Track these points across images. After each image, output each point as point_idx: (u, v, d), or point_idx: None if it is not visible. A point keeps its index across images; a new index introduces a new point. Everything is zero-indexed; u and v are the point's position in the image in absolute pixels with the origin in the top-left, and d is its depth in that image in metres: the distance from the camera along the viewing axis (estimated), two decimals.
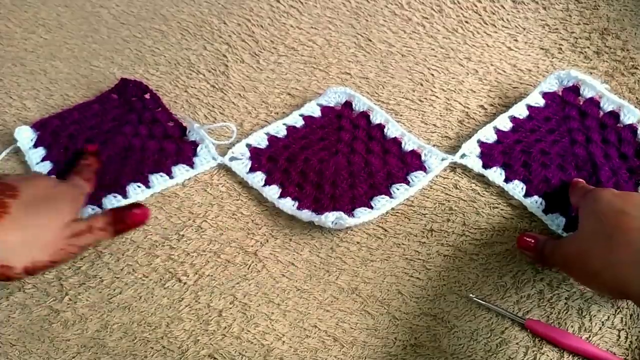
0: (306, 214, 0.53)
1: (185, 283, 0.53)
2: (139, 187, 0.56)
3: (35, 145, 0.59)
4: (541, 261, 0.50)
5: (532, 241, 0.50)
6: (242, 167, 0.57)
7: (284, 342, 0.50)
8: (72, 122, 0.60)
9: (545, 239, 0.50)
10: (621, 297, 0.42)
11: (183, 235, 0.55)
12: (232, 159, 0.58)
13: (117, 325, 0.51)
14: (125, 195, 0.56)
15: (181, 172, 0.58)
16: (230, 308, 0.52)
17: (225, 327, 0.51)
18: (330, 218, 0.52)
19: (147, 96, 0.62)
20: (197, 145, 0.59)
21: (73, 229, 0.47)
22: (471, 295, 0.51)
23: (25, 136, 0.60)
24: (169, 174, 0.58)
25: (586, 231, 0.45)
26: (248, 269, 0.53)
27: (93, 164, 0.56)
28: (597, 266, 0.42)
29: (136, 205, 0.51)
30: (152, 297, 0.52)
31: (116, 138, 0.59)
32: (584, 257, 0.43)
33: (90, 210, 0.55)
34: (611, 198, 0.45)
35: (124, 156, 0.58)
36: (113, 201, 0.55)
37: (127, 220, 0.50)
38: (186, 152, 0.58)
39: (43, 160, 0.59)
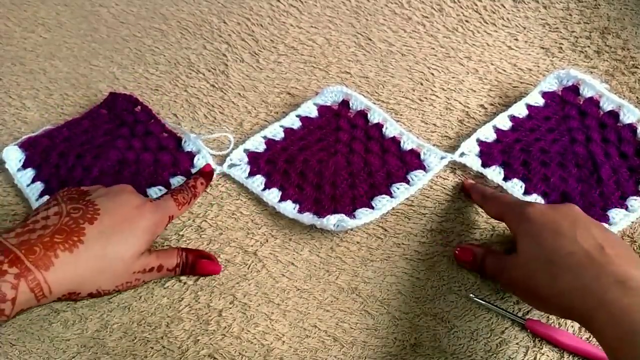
0: (307, 217, 0.53)
1: (185, 283, 0.53)
2: None
3: (24, 166, 0.57)
4: (481, 274, 0.51)
5: (469, 255, 0.50)
6: (241, 172, 0.57)
7: (284, 342, 0.50)
8: (62, 139, 0.59)
9: (483, 251, 0.50)
10: (568, 318, 0.42)
11: (183, 235, 0.55)
12: (230, 166, 0.58)
13: (116, 325, 0.51)
14: None
15: (180, 184, 0.56)
16: (230, 308, 0.52)
17: (225, 327, 0.51)
18: (331, 221, 0.52)
19: (138, 109, 0.61)
20: (194, 156, 0.58)
21: (144, 264, 0.47)
22: (471, 295, 0.51)
23: (13, 157, 0.57)
24: (167, 186, 0.56)
25: (526, 255, 0.43)
26: (248, 268, 0.53)
27: (198, 187, 0.54)
28: (543, 293, 0.41)
29: (210, 256, 0.53)
30: (152, 297, 0.52)
31: (109, 152, 0.57)
32: (528, 283, 0.43)
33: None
34: (541, 217, 0.44)
35: (118, 170, 0.57)
36: None
37: (197, 271, 0.52)
38: (183, 164, 0.58)
39: (34, 181, 0.57)
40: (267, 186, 0.56)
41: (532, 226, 0.44)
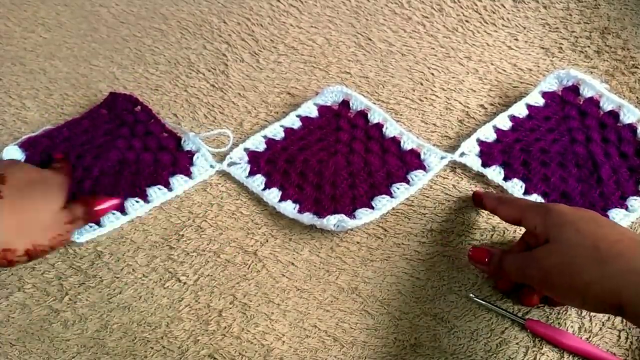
0: (307, 217, 0.53)
1: (185, 283, 0.53)
2: (137, 202, 0.55)
3: None
4: (499, 276, 0.50)
5: (485, 256, 0.48)
6: (241, 171, 0.57)
7: (284, 342, 0.50)
8: (62, 140, 0.59)
9: (499, 252, 0.48)
10: (611, 309, 0.39)
11: (183, 235, 0.55)
12: (230, 164, 0.58)
13: (116, 325, 0.51)
14: (123, 212, 0.55)
15: (179, 182, 0.57)
16: (230, 308, 0.52)
17: (225, 327, 0.51)
18: (332, 221, 0.52)
19: (138, 109, 0.61)
20: (194, 155, 0.58)
21: (67, 216, 0.49)
22: (471, 295, 0.51)
23: (13, 156, 0.57)
24: (167, 185, 0.56)
25: (566, 242, 0.42)
26: (248, 268, 0.53)
27: (65, 166, 0.56)
28: (587, 278, 0.39)
29: (102, 199, 0.54)
30: (152, 297, 0.52)
31: (109, 152, 0.57)
32: (568, 270, 0.41)
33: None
34: (572, 211, 0.44)
35: (118, 170, 0.57)
36: (112, 218, 0.55)
37: (97, 210, 0.53)
38: (183, 162, 0.58)
39: None
40: (267, 186, 0.56)
41: (566, 216, 0.43)
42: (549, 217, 0.44)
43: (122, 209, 0.55)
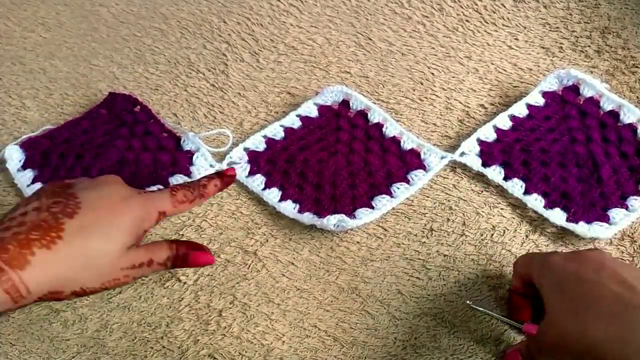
0: (307, 217, 0.53)
1: (185, 283, 0.53)
2: None
3: (24, 167, 0.57)
4: None
5: (517, 355, 0.45)
6: (240, 171, 0.57)
7: (284, 342, 0.50)
8: (62, 140, 0.59)
9: (525, 344, 0.45)
10: None
11: (182, 235, 0.55)
12: (230, 163, 0.58)
13: (116, 325, 0.51)
14: None
15: (179, 182, 0.56)
16: (230, 308, 0.52)
17: (225, 327, 0.51)
18: (332, 221, 0.52)
19: (137, 109, 0.61)
20: (193, 154, 0.58)
21: (132, 260, 0.43)
22: (468, 302, 0.50)
23: (14, 156, 0.57)
24: (167, 185, 0.56)
25: (554, 312, 0.40)
26: (248, 268, 0.53)
27: (209, 188, 0.48)
28: (579, 349, 0.37)
29: (203, 247, 0.48)
30: (152, 296, 0.52)
31: (109, 152, 0.57)
32: (563, 343, 0.38)
33: None
34: (564, 264, 0.41)
35: (117, 170, 0.57)
36: None
37: (189, 263, 0.47)
38: (182, 162, 0.58)
39: (34, 182, 0.56)
40: (267, 186, 0.56)
41: (553, 276, 0.41)
42: (542, 275, 0.42)
43: None
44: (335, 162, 0.57)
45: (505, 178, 0.55)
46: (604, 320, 0.36)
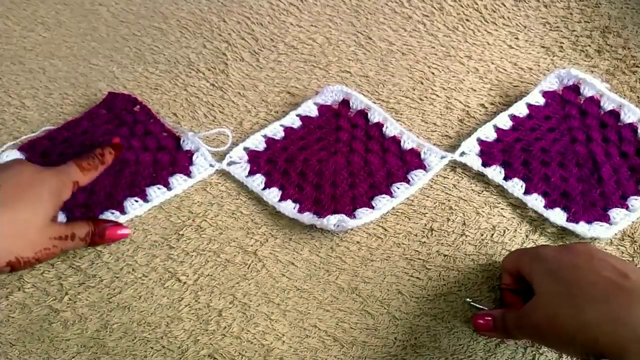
0: (307, 217, 0.53)
1: (184, 283, 0.53)
2: (136, 201, 0.55)
3: None
4: (507, 336, 0.47)
5: (489, 319, 0.47)
6: (240, 171, 0.57)
7: (284, 342, 0.50)
8: (62, 141, 0.59)
9: (501, 312, 0.46)
10: (593, 356, 0.38)
11: (182, 235, 0.55)
12: (230, 163, 0.58)
13: (116, 325, 0.51)
14: (123, 211, 0.55)
15: (179, 182, 0.57)
16: (230, 308, 0.52)
17: (225, 327, 0.51)
18: (332, 221, 0.52)
19: (137, 109, 0.61)
20: (193, 154, 0.58)
21: (57, 231, 0.48)
22: (468, 299, 0.50)
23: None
24: (167, 185, 0.56)
25: (547, 294, 0.41)
26: (248, 268, 0.53)
27: (106, 155, 0.54)
28: (568, 329, 0.39)
29: (119, 224, 0.53)
30: (151, 296, 0.52)
31: None
32: (553, 323, 0.40)
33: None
34: (556, 254, 0.43)
35: (117, 170, 0.56)
36: (111, 218, 0.54)
37: (106, 237, 0.52)
38: (182, 162, 0.57)
39: None
40: (267, 185, 0.56)
41: (547, 264, 0.43)
42: (534, 263, 0.44)
43: (121, 209, 0.55)
44: (335, 161, 0.57)
45: (506, 178, 0.55)
46: (597, 303, 0.38)
